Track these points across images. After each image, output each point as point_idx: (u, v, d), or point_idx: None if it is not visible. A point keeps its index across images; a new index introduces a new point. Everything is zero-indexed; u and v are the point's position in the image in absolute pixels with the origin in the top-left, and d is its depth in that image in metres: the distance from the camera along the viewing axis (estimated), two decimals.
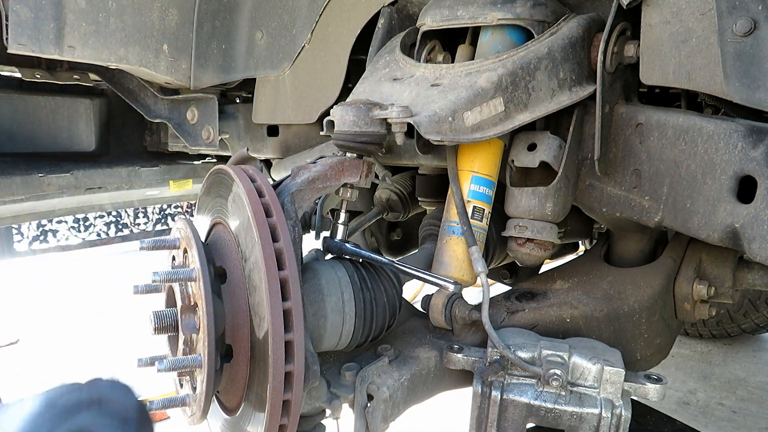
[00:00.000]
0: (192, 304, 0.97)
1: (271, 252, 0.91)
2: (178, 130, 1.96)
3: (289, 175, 1.10)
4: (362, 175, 1.13)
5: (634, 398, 1.10)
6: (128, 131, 2.48)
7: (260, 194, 0.97)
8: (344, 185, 1.14)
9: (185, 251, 1.01)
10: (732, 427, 3.04)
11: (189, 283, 0.98)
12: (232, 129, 1.95)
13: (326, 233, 1.23)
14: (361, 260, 1.18)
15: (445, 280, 1.08)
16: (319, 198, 1.15)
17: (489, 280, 1.15)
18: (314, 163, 1.13)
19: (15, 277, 5.98)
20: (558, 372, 1.06)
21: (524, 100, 1.12)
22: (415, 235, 2.01)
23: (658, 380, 1.10)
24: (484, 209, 1.20)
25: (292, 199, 1.04)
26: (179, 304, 0.99)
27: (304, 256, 1.16)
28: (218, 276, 1.01)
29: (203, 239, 1.13)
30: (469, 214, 1.18)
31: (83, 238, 7.05)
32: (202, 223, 1.16)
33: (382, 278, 1.17)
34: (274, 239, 0.93)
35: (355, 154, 1.13)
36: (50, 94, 2.21)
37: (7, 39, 1.45)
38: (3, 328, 4.45)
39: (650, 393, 1.09)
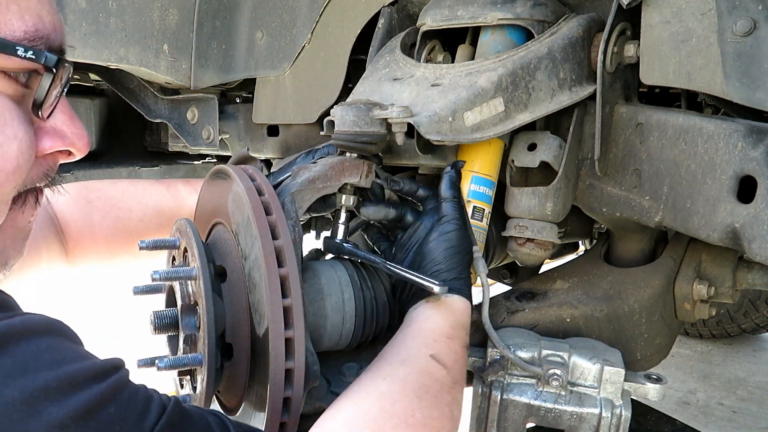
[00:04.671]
0: (192, 303, 0.97)
1: (271, 249, 0.91)
2: (179, 130, 1.96)
3: (289, 175, 1.11)
4: (362, 175, 1.13)
5: (634, 398, 1.10)
6: (128, 131, 2.48)
7: (260, 193, 0.98)
8: (344, 186, 1.14)
9: (185, 251, 1.01)
10: (732, 426, 3.04)
11: (189, 282, 0.98)
12: (233, 129, 1.95)
13: (326, 233, 1.23)
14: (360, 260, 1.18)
15: (431, 282, 1.08)
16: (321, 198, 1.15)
17: (489, 280, 1.15)
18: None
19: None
20: (558, 372, 1.06)
21: (524, 100, 1.12)
22: None
23: (658, 380, 1.10)
24: (484, 209, 1.20)
25: (292, 199, 1.04)
26: (179, 303, 0.99)
27: (304, 255, 1.16)
28: (218, 275, 1.01)
29: (203, 239, 1.14)
30: (470, 214, 1.18)
31: None
32: None
33: (382, 278, 1.17)
34: (274, 237, 0.93)
35: (355, 154, 1.14)
36: None
37: None
38: None
39: (650, 393, 1.09)
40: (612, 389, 1.07)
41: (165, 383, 1.08)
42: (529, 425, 1.11)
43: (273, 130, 1.85)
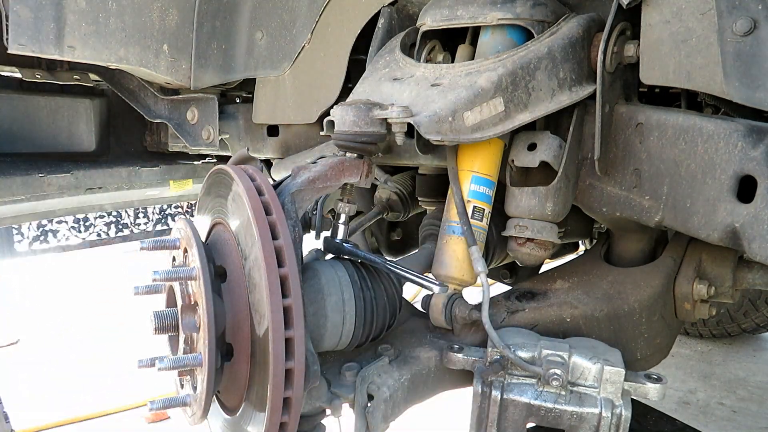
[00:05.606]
0: (192, 303, 0.97)
1: (271, 249, 0.91)
2: (178, 130, 1.96)
3: (290, 175, 1.11)
4: (362, 175, 1.13)
5: (634, 398, 1.10)
6: (128, 131, 2.48)
7: (260, 193, 0.98)
8: (343, 190, 1.14)
9: (185, 251, 1.01)
10: (732, 426, 3.04)
11: (189, 282, 0.98)
12: (232, 129, 1.95)
13: (326, 233, 1.23)
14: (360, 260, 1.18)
15: (431, 282, 1.08)
16: (320, 198, 1.15)
17: (489, 279, 1.15)
18: (314, 163, 1.13)
19: (15, 277, 5.98)
20: (558, 372, 1.06)
21: (524, 100, 1.12)
22: (415, 235, 2.01)
23: (658, 380, 1.10)
24: (484, 209, 1.20)
25: (292, 199, 1.04)
26: (179, 303, 0.99)
27: (304, 256, 1.16)
28: (218, 275, 1.01)
29: (203, 239, 1.14)
30: (469, 214, 1.18)
31: (83, 239, 7.01)
32: (203, 223, 1.16)
33: (382, 278, 1.17)
34: (274, 237, 0.93)
35: (355, 154, 1.14)
36: (50, 94, 2.21)
37: (7, 39, 1.45)
38: (3, 328, 4.45)
39: (650, 392, 1.09)
40: (612, 389, 1.07)
41: (166, 384, 1.08)
42: (529, 425, 1.10)
43: (273, 130, 1.85)
